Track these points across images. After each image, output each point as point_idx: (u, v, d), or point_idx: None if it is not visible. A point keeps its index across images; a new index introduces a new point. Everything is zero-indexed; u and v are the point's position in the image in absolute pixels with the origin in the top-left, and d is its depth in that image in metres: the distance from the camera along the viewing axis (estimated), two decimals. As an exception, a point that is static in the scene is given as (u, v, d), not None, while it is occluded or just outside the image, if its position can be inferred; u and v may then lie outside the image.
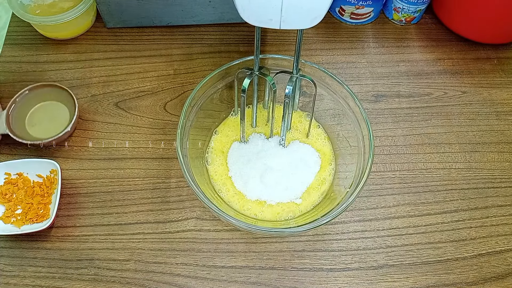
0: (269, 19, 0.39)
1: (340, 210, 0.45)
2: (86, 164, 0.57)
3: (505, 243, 0.53)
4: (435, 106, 0.63)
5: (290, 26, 0.39)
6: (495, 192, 0.57)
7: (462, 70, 0.67)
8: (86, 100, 0.62)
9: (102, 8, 0.64)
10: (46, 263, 0.51)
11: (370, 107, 0.63)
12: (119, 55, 0.66)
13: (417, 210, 0.55)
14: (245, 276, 0.51)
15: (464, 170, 0.58)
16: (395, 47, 0.68)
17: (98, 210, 0.54)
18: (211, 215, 0.54)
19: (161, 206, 0.54)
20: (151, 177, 0.56)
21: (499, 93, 0.65)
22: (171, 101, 0.62)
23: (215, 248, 0.52)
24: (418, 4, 0.66)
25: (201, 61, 0.66)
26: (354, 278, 0.51)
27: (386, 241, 0.53)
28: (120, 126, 0.60)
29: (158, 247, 0.52)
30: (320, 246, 0.53)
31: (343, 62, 0.67)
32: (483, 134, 0.61)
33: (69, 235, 0.53)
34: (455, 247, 0.53)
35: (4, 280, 0.50)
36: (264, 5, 0.38)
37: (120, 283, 0.50)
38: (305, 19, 0.39)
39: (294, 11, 0.38)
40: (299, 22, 0.39)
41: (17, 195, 0.53)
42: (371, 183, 0.57)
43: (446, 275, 0.51)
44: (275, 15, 0.38)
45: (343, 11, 0.69)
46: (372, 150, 0.48)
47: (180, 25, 0.68)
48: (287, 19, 0.39)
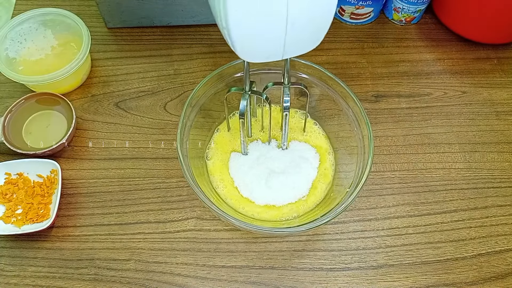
0: (271, 55, 0.37)
1: (340, 210, 0.45)
2: (86, 164, 0.57)
3: (505, 243, 0.53)
4: (435, 106, 0.63)
5: (293, 54, 0.38)
6: (495, 192, 0.57)
7: (462, 70, 0.67)
8: (86, 100, 0.62)
9: (102, 8, 0.64)
10: (47, 263, 0.51)
11: (370, 107, 0.63)
12: (119, 55, 0.66)
13: (416, 210, 0.55)
14: (245, 275, 0.51)
15: (464, 170, 0.58)
16: (395, 47, 0.68)
17: (98, 210, 0.54)
18: (211, 215, 0.54)
19: (161, 206, 0.54)
20: (151, 177, 0.56)
21: (499, 93, 0.65)
22: (171, 101, 0.62)
23: (215, 248, 0.52)
24: (418, 4, 0.66)
25: (201, 61, 0.66)
26: (354, 277, 0.51)
27: (385, 241, 0.53)
28: (120, 126, 0.60)
29: (158, 247, 0.52)
30: (320, 245, 0.53)
31: (343, 62, 0.67)
32: (483, 134, 0.61)
33: (70, 235, 0.53)
34: (455, 247, 0.53)
35: (4, 280, 0.50)
36: (266, 45, 0.35)
37: (120, 283, 0.50)
38: (306, 45, 0.38)
39: (297, 42, 0.36)
40: (301, 49, 0.38)
41: (17, 195, 0.53)
42: (371, 183, 0.57)
43: (446, 275, 0.51)
44: (278, 50, 0.36)
45: (343, 11, 0.69)
46: (372, 150, 0.48)
47: (180, 25, 0.68)
48: (289, 49, 0.37)
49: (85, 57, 0.58)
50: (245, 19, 0.33)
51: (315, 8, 0.34)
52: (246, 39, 0.34)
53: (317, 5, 0.34)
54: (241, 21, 0.33)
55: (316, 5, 0.34)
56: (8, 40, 0.59)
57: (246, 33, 0.34)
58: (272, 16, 0.33)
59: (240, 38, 0.34)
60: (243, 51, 0.36)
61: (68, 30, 0.61)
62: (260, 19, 0.33)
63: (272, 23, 0.34)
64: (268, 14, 0.33)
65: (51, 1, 0.70)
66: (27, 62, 0.59)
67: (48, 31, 0.61)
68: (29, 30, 0.60)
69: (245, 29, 0.33)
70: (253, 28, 0.34)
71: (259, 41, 0.35)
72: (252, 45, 0.35)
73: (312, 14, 0.34)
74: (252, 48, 0.36)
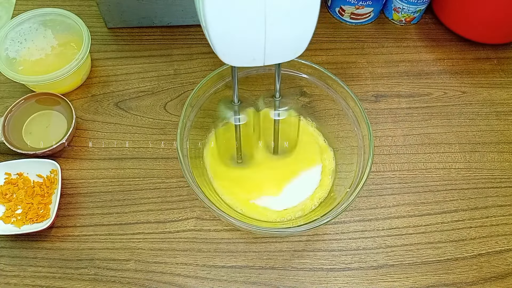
0: (252, 59, 0.37)
1: (340, 210, 0.45)
2: (86, 164, 0.57)
3: (505, 243, 0.53)
4: (435, 106, 0.63)
5: (274, 61, 0.38)
6: (495, 192, 0.57)
7: (462, 70, 0.67)
8: (86, 100, 0.62)
9: (102, 8, 0.64)
10: (46, 263, 0.51)
11: (370, 107, 0.63)
12: (119, 55, 0.66)
13: (417, 210, 0.55)
14: (245, 276, 0.51)
15: (464, 170, 0.58)
16: (395, 47, 0.68)
17: (98, 210, 0.54)
18: (211, 215, 0.54)
19: (161, 206, 0.54)
20: (151, 177, 0.56)
21: (499, 93, 0.65)
22: (171, 101, 0.62)
23: (215, 248, 0.52)
24: (418, 4, 0.66)
25: (201, 61, 0.66)
26: (354, 278, 0.51)
27: (386, 241, 0.53)
28: (120, 126, 0.60)
29: (158, 247, 0.52)
30: (320, 246, 0.53)
31: (343, 62, 0.67)
32: (483, 134, 0.61)
33: (69, 235, 0.53)
34: (455, 247, 0.53)
35: (4, 280, 0.50)
36: (246, 46, 0.36)
37: (120, 283, 0.50)
38: (288, 52, 0.38)
39: (278, 47, 0.37)
40: (282, 56, 0.38)
41: (17, 195, 0.53)
42: (371, 183, 0.57)
43: (446, 275, 0.51)
44: (258, 54, 0.37)
45: (343, 11, 0.69)
46: (372, 150, 0.48)
47: (180, 25, 0.68)
48: (270, 55, 0.37)
49: (85, 57, 0.58)
50: (223, 16, 0.33)
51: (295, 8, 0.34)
52: (225, 39, 0.35)
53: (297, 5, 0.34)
54: (218, 18, 0.33)
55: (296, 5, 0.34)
56: (8, 40, 0.59)
57: (225, 31, 0.34)
58: (250, 13, 0.33)
59: (219, 38, 0.35)
60: (223, 52, 0.36)
61: (68, 30, 0.61)
62: (238, 15, 0.33)
63: (250, 21, 0.34)
64: (246, 10, 0.33)
65: (51, 1, 0.70)
66: (27, 62, 0.59)
67: (48, 31, 0.61)
68: (29, 30, 0.60)
69: (223, 27, 0.34)
70: (231, 26, 0.34)
71: (238, 41, 0.35)
72: (232, 46, 0.36)
73: (293, 15, 0.34)
74: (232, 50, 0.36)
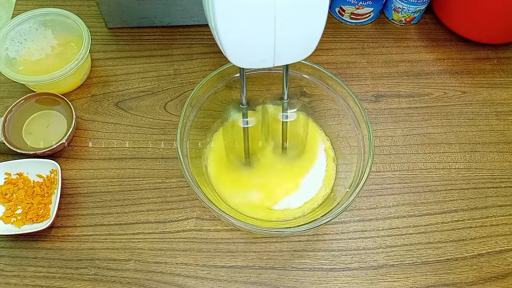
0: (262, 60, 0.36)
1: (340, 210, 0.45)
2: (86, 164, 0.57)
3: (505, 243, 0.53)
4: (435, 106, 0.63)
5: (284, 62, 0.38)
6: (495, 192, 0.57)
7: (462, 70, 0.67)
8: (86, 100, 0.62)
9: (102, 8, 0.64)
10: (46, 263, 0.51)
11: (370, 107, 0.63)
12: (119, 55, 0.66)
13: (417, 210, 0.55)
14: (245, 276, 0.51)
15: (464, 170, 0.58)
16: (395, 47, 0.68)
17: (98, 210, 0.54)
18: (211, 215, 0.54)
19: (161, 206, 0.54)
20: (151, 177, 0.56)
21: (499, 93, 0.65)
22: (171, 101, 0.62)
23: (215, 248, 0.52)
24: (418, 4, 0.66)
25: (201, 61, 0.66)
26: (354, 278, 0.51)
27: (386, 241, 0.53)
28: (120, 126, 0.60)
29: (158, 247, 0.52)
30: (320, 246, 0.53)
31: (343, 62, 0.67)
32: (483, 134, 0.61)
33: (69, 235, 0.53)
34: (455, 247, 0.53)
35: (4, 280, 0.50)
36: (256, 48, 0.35)
37: (120, 283, 0.50)
38: (298, 52, 0.37)
39: (287, 47, 0.36)
40: (292, 57, 0.37)
41: (17, 195, 0.53)
42: (371, 183, 0.57)
43: (446, 275, 0.51)
44: (268, 55, 0.36)
45: (343, 11, 0.69)
46: (372, 150, 0.48)
47: (180, 25, 0.68)
48: (280, 56, 0.36)
49: (85, 57, 0.58)
50: (232, 17, 0.32)
51: (304, 8, 0.33)
52: (235, 40, 0.34)
53: (307, 5, 0.33)
54: (228, 19, 0.33)
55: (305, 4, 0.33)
56: (8, 40, 0.59)
57: (234, 32, 0.33)
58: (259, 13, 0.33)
59: (229, 39, 0.34)
60: (233, 54, 0.35)
61: (68, 30, 0.61)
62: (248, 16, 0.33)
63: (259, 22, 0.33)
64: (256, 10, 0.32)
65: (51, 1, 0.70)
66: (27, 62, 0.59)
67: (48, 31, 0.61)
68: (29, 30, 0.60)
69: (233, 28, 0.33)
70: (241, 27, 0.33)
71: (248, 43, 0.35)
72: (242, 48, 0.35)
73: (302, 15, 0.34)
74: (242, 51, 0.35)
